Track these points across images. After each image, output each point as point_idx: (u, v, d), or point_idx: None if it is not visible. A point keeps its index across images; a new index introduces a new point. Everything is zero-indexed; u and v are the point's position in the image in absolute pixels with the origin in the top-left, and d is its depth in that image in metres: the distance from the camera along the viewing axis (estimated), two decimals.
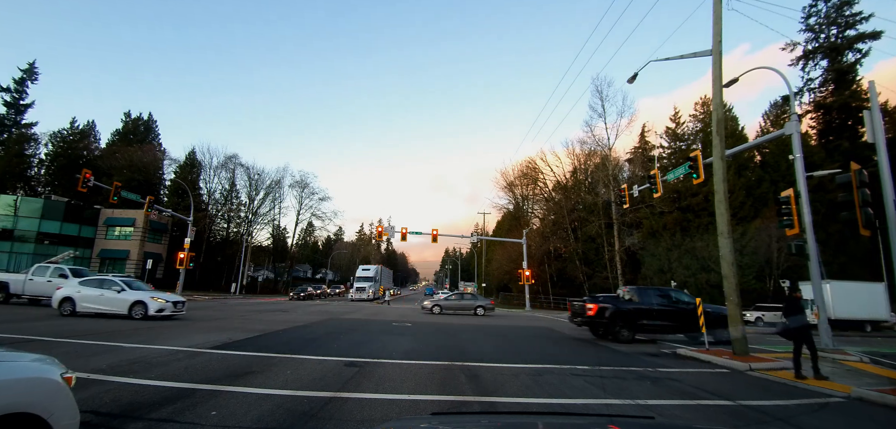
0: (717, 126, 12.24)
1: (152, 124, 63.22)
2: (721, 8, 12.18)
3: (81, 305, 14.70)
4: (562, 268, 49.48)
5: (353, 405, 5.38)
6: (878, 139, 9.92)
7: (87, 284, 15.30)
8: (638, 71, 15.20)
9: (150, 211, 34.33)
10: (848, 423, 6.02)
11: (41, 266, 19.59)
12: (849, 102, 35.65)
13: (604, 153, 46.24)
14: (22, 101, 53.02)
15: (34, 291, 18.56)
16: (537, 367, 8.86)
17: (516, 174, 58.11)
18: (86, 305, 14.72)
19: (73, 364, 6.31)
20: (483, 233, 66.85)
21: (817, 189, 29.39)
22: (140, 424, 4.30)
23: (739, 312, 11.25)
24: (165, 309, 15.09)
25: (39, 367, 2.59)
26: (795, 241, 13.33)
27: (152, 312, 14.55)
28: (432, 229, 38.42)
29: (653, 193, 19.76)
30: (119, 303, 14.70)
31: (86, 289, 15.04)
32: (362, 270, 50.05)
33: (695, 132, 44.60)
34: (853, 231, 10.34)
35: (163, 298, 15.38)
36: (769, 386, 8.14)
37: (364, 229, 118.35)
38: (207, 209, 56.36)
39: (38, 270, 19.08)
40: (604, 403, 6.22)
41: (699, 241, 35.87)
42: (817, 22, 38.62)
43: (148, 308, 14.57)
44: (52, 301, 15.09)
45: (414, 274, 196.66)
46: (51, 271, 18.76)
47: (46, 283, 18.22)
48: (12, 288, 18.66)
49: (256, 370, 7.10)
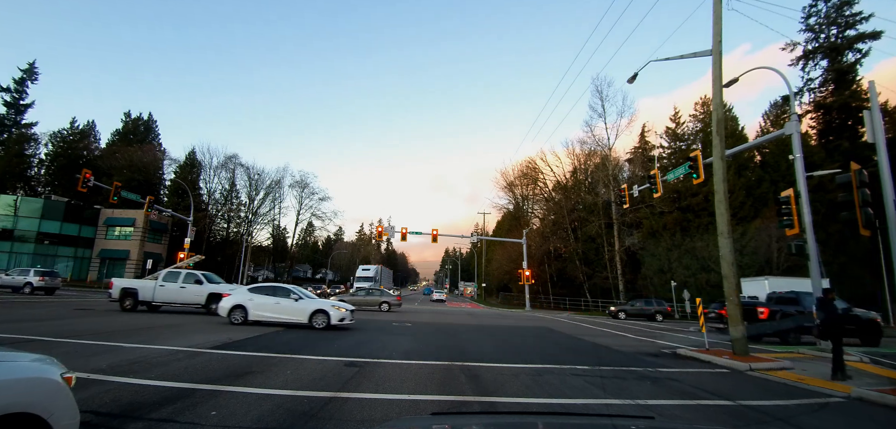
0: (717, 126, 12.24)
1: (152, 124, 63.24)
2: (721, 8, 12.18)
3: (254, 314, 14.08)
4: (562, 268, 49.49)
5: (353, 405, 5.38)
6: (878, 139, 9.92)
7: (259, 292, 14.68)
8: (638, 71, 15.22)
9: (150, 211, 34.33)
10: (848, 423, 6.02)
11: (172, 272, 18.88)
12: (849, 102, 35.63)
13: (604, 153, 46.29)
14: (22, 102, 53.04)
15: (165, 297, 17.66)
16: (537, 367, 8.86)
17: (516, 174, 58.21)
18: (259, 314, 14.10)
19: (73, 364, 6.31)
20: (483, 233, 66.86)
21: (817, 189, 29.40)
22: (140, 424, 4.30)
23: (739, 312, 11.25)
24: (346, 318, 14.16)
25: (39, 367, 2.59)
26: (795, 241, 13.34)
27: (335, 322, 13.84)
28: (432, 229, 38.44)
29: (653, 193, 19.76)
30: (298, 312, 14.11)
31: (258, 297, 14.40)
32: (362, 270, 50.09)
33: (695, 132, 44.60)
34: (853, 231, 10.35)
35: (343, 307, 14.42)
36: (769, 386, 8.14)
37: (364, 229, 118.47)
38: (207, 209, 56.36)
39: (169, 276, 18.23)
40: (604, 403, 6.22)
41: (699, 241, 35.88)
42: (817, 22, 38.60)
43: (330, 318, 13.85)
44: (219, 310, 14.44)
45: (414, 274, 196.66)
46: (183, 277, 18.09)
47: (179, 289, 17.67)
48: (141, 295, 17.49)
49: (256, 370, 7.10)
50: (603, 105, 45.34)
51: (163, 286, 17.71)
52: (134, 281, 18.72)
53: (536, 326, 20.91)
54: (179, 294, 17.70)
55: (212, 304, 17.16)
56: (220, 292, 17.27)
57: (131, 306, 17.30)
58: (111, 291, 17.65)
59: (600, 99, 45.44)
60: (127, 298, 17.39)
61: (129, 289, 17.64)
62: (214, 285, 18.14)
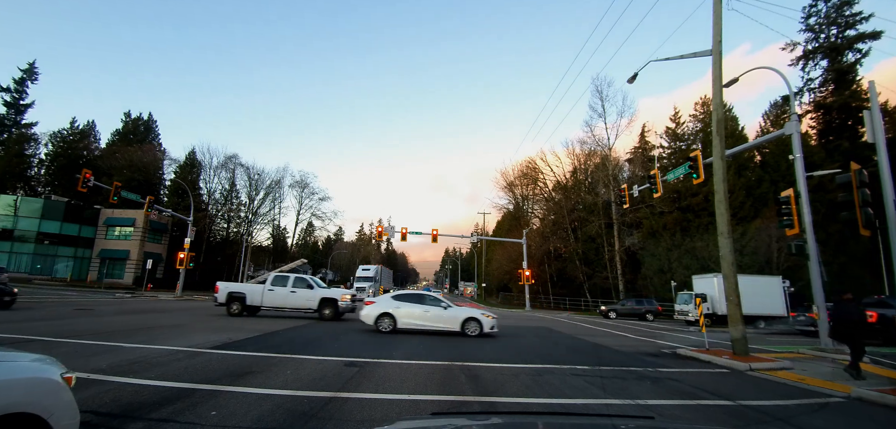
0: (717, 126, 12.24)
1: (152, 124, 63.22)
2: (721, 8, 12.18)
3: (403, 322, 14.07)
4: (562, 268, 49.49)
5: (354, 405, 5.38)
6: (878, 139, 9.92)
7: (406, 300, 14.70)
8: (638, 71, 15.22)
9: (150, 211, 34.36)
10: (848, 423, 6.02)
11: (279, 276, 18.42)
12: (849, 102, 35.63)
13: (604, 153, 46.30)
14: (22, 102, 53.03)
15: (274, 302, 17.40)
16: (537, 367, 8.86)
17: (516, 174, 58.21)
18: (408, 322, 14.12)
19: (73, 364, 6.31)
20: (483, 233, 66.86)
21: (817, 189, 29.39)
22: (140, 424, 4.30)
23: (739, 312, 11.25)
24: (494, 327, 14.49)
25: (39, 367, 2.59)
26: (795, 241, 13.34)
27: (487, 331, 13.98)
28: (432, 229, 38.43)
29: (653, 193, 19.77)
30: (449, 320, 14.19)
31: (406, 305, 14.41)
32: (362, 271, 50.07)
33: (695, 132, 44.60)
34: (853, 231, 10.36)
35: (490, 314, 14.87)
36: (769, 386, 8.14)
37: (364, 229, 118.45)
38: (207, 209, 56.34)
39: (277, 280, 17.84)
40: (604, 403, 6.22)
41: (699, 241, 35.86)
42: (817, 22, 38.60)
43: (483, 326, 14.02)
44: (363, 317, 14.26)
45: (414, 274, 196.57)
46: (292, 281, 17.69)
47: (289, 293, 17.32)
48: (249, 299, 17.29)
49: (256, 370, 7.10)
50: (603, 105, 45.38)
51: (272, 291, 17.41)
52: (241, 285, 18.50)
53: (536, 326, 20.90)
54: (289, 299, 17.39)
55: (324, 309, 17.10)
56: (334, 297, 17.34)
57: (238, 311, 17.19)
58: (217, 295, 17.59)
59: (600, 99, 45.48)
60: (234, 302, 17.29)
61: (236, 293, 17.48)
62: (326, 290, 18.08)
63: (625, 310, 32.24)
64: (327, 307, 17.23)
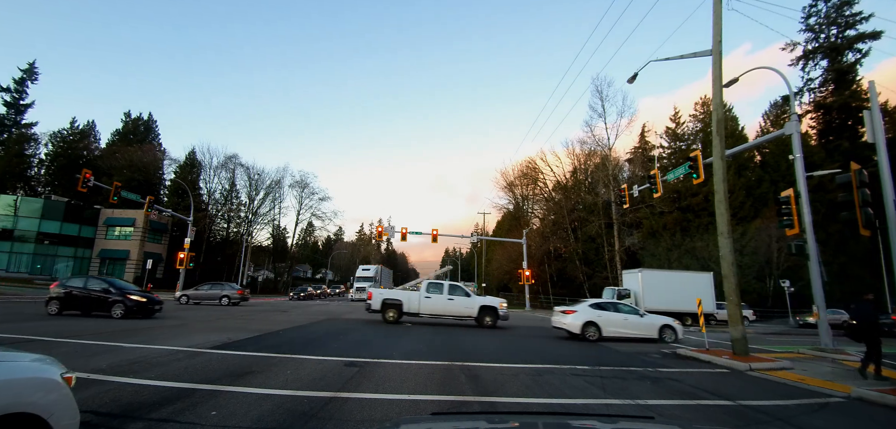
0: (717, 126, 12.24)
1: (152, 124, 63.24)
2: (721, 8, 12.19)
3: (607, 330, 14.50)
4: (562, 268, 49.50)
5: (353, 405, 5.38)
6: (878, 139, 9.92)
7: (603, 308, 15.14)
8: (638, 71, 15.22)
9: (150, 211, 34.35)
10: (848, 423, 6.02)
11: (433, 282, 18.57)
12: (849, 102, 35.66)
13: (604, 153, 46.30)
14: (22, 102, 53.05)
15: (431, 309, 17.43)
16: (537, 367, 8.86)
17: (516, 174, 58.22)
18: (611, 330, 14.55)
19: (73, 364, 6.32)
20: (483, 233, 66.81)
21: (817, 189, 29.42)
22: (140, 424, 4.30)
23: (739, 312, 11.25)
24: (679, 332, 15.10)
25: (39, 367, 2.59)
26: (795, 241, 13.34)
27: (681, 338, 14.59)
28: (432, 229, 38.42)
29: (653, 193, 19.77)
30: (646, 327, 14.78)
31: (605, 313, 14.84)
32: (362, 270, 50.01)
33: (695, 132, 44.65)
34: (853, 231, 10.36)
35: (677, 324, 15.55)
36: (769, 386, 8.14)
37: (364, 229, 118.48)
38: (207, 209, 56.35)
39: (432, 288, 17.90)
40: (604, 403, 6.22)
41: (699, 241, 35.90)
42: (817, 22, 38.64)
43: (677, 333, 14.69)
44: (567, 325, 14.63)
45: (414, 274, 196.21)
46: (447, 289, 17.76)
47: (447, 301, 17.33)
48: (407, 306, 17.35)
49: (256, 370, 7.10)
50: (603, 105, 45.39)
51: (429, 298, 17.44)
52: (397, 292, 18.54)
53: (536, 326, 20.90)
54: (448, 306, 17.43)
55: (485, 316, 17.20)
56: (494, 305, 17.42)
57: (394, 318, 17.16)
58: (371, 302, 17.50)
59: (600, 99, 45.48)
60: (390, 309, 17.24)
61: (392, 300, 17.46)
62: (483, 298, 18.19)
63: None
64: (487, 315, 17.37)
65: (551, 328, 16.90)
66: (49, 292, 15.31)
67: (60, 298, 14.88)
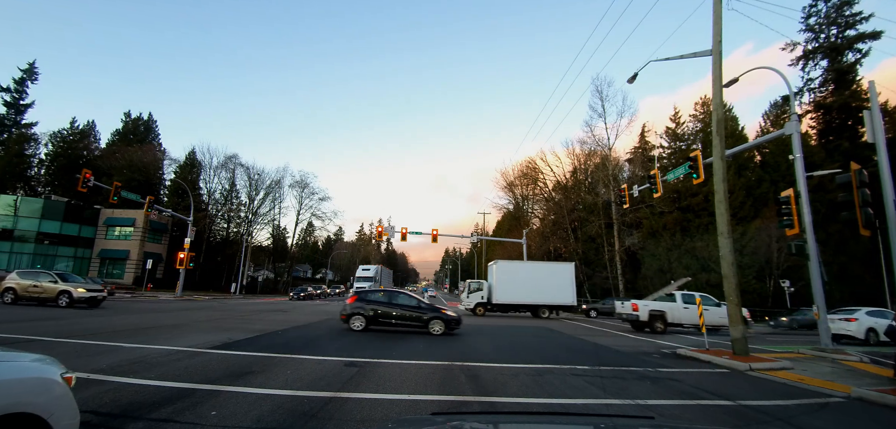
0: (717, 126, 12.24)
1: (152, 124, 63.24)
2: (721, 8, 12.18)
3: None
4: None
5: (353, 405, 5.38)
6: (878, 139, 9.92)
7: None
8: (638, 71, 15.21)
9: (150, 211, 34.35)
10: (848, 423, 6.02)
11: (686, 294, 19.15)
12: (849, 102, 35.64)
13: (604, 153, 46.27)
14: (22, 102, 53.03)
15: (690, 319, 18.18)
16: (537, 367, 8.86)
17: (516, 174, 58.22)
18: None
19: (73, 364, 6.32)
20: (483, 233, 66.79)
21: (817, 189, 29.41)
22: (140, 424, 4.30)
23: (739, 312, 11.25)
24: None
25: (39, 367, 2.59)
26: (795, 241, 13.33)
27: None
28: (432, 230, 38.40)
29: (653, 193, 19.76)
30: None
31: None
32: (362, 270, 49.98)
33: (695, 132, 44.62)
34: (853, 231, 10.36)
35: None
36: (769, 386, 8.14)
37: (364, 229, 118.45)
38: (207, 209, 56.34)
39: (686, 298, 18.55)
40: (604, 403, 6.22)
41: (699, 241, 35.89)
42: (817, 22, 38.61)
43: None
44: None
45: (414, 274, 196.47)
46: (683, 297, 18.56)
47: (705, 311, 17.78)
48: (670, 317, 18.23)
49: (256, 370, 7.10)
50: (603, 105, 45.34)
51: (686, 308, 18.15)
52: (659, 303, 19.32)
53: (536, 326, 20.89)
54: (709, 316, 17.64)
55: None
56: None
57: (663, 329, 18.22)
58: (638, 313, 18.51)
59: (600, 99, 45.44)
60: (657, 320, 18.27)
61: (657, 311, 18.49)
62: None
63: (605, 309, 32.67)
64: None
65: (552, 329, 16.94)
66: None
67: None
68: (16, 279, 18.03)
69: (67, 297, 17.38)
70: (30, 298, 17.61)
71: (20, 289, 17.68)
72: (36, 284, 17.77)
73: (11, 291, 17.65)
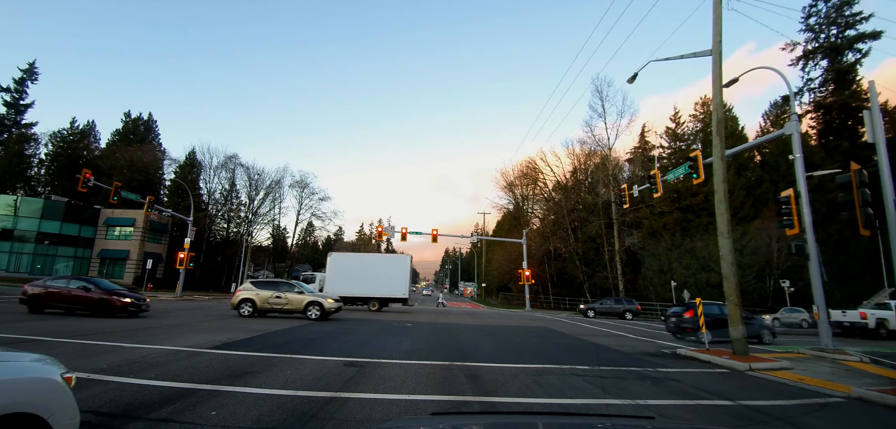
0: (717, 126, 12.24)
1: (152, 124, 63.20)
2: (721, 8, 12.18)
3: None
4: (562, 268, 49.48)
5: (353, 405, 5.38)
6: (878, 139, 9.92)
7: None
8: (638, 71, 15.21)
9: (150, 211, 34.36)
10: (848, 423, 6.02)
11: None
12: (849, 102, 35.61)
13: (604, 153, 46.29)
14: (22, 102, 53.01)
15: None
16: (537, 367, 8.86)
17: (516, 174, 58.20)
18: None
19: (73, 364, 6.32)
20: (483, 233, 66.80)
21: (817, 189, 29.39)
22: (140, 424, 4.30)
23: (739, 312, 11.25)
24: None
25: (39, 367, 2.59)
26: (795, 241, 13.33)
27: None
28: (432, 230, 38.41)
29: (653, 193, 19.75)
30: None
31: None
32: None
33: (695, 132, 44.60)
34: (853, 231, 10.36)
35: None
36: (769, 386, 8.14)
37: (364, 229, 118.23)
38: (207, 209, 56.31)
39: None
40: (604, 403, 6.22)
41: (699, 241, 35.88)
42: (817, 22, 38.58)
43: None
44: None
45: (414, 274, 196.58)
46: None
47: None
48: (892, 324, 19.44)
49: (256, 370, 7.10)
50: (603, 105, 45.38)
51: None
52: (883, 312, 20.61)
53: (536, 326, 20.90)
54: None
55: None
56: None
57: (885, 334, 19.53)
58: (865, 321, 20.10)
59: (600, 99, 45.47)
60: (880, 327, 19.78)
61: (882, 319, 19.69)
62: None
63: (603, 309, 32.71)
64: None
65: (551, 329, 16.94)
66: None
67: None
68: None
69: None
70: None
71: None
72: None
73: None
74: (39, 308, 14.65)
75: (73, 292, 14.75)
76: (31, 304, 14.67)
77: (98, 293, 14.77)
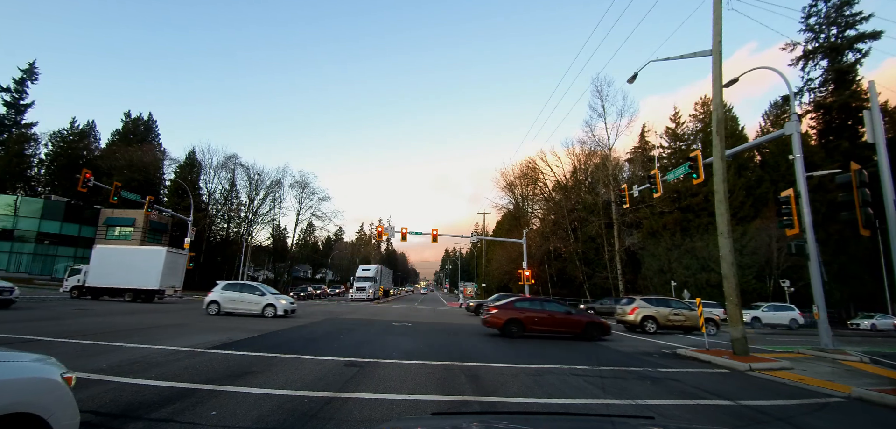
0: (717, 126, 12.23)
1: (152, 124, 63.22)
2: (721, 8, 12.18)
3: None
4: (562, 268, 49.48)
5: (353, 405, 5.38)
6: (878, 139, 9.92)
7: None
8: (638, 71, 15.20)
9: (150, 211, 34.33)
10: (848, 423, 6.01)
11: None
12: (849, 102, 35.61)
13: (604, 153, 46.26)
14: (22, 102, 53.04)
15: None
16: (537, 367, 8.86)
17: (516, 174, 58.18)
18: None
19: (73, 364, 6.31)
20: (483, 233, 66.75)
21: (817, 189, 29.39)
22: (140, 424, 4.30)
23: (739, 312, 11.25)
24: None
25: (39, 367, 2.59)
26: (795, 241, 13.32)
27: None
28: (432, 230, 38.37)
29: (653, 193, 19.74)
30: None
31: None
32: (362, 270, 49.97)
33: (695, 132, 44.61)
34: (853, 231, 10.35)
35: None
36: (769, 386, 8.14)
37: (364, 229, 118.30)
38: (207, 209, 56.31)
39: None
40: (604, 403, 6.22)
41: (699, 241, 35.88)
42: (817, 22, 38.57)
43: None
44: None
45: (414, 274, 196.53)
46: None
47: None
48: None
49: (256, 370, 7.10)
50: (603, 105, 45.34)
51: None
52: None
53: None
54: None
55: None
56: None
57: None
58: None
59: (600, 99, 45.43)
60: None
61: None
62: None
63: (603, 309, 32.69)
64: None
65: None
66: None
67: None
68: None
69: None
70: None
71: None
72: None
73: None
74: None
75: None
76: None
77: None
